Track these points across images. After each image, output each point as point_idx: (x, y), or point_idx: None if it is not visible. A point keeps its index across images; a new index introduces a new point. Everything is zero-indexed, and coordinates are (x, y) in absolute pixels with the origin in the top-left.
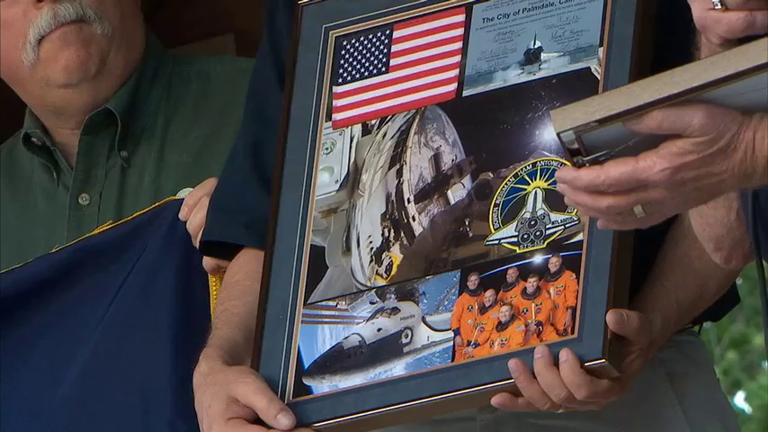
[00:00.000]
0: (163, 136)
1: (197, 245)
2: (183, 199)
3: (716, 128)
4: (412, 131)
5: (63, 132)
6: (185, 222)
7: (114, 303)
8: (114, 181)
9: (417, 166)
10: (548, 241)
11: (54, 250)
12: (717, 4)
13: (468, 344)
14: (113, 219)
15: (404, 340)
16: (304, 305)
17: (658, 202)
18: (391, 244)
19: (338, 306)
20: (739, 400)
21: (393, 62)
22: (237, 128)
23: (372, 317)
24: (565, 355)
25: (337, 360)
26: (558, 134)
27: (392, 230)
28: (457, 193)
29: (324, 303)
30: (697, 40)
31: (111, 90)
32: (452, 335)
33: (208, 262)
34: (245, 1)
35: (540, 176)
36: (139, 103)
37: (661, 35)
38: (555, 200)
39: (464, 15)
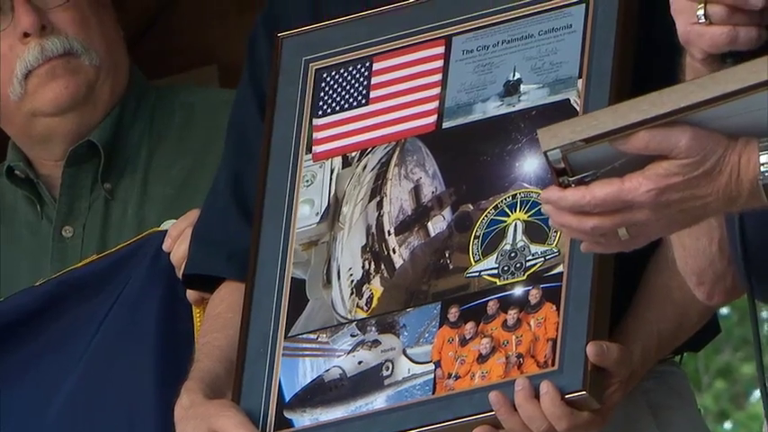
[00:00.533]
0: (146, 168)
1: (181, 276)
2: (166, 230)
3: (702, 150)
4: (392, 163)
5: (47, 164)
6: (169, 254)
7: (99, 334)
8: (98, 213)
9: (398, 198)
10: (528, 273)
11: (38, 283)
12: (701, 19)
13: (449, 376)
14: (97, 251)
15: (385, 373)
16: (285, 338)
17: (643, 224)
18: (372, 276)
19: (319, 339)
20: (727, 429)
21: (373, 94)
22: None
23: (353, 349)
24: (545, 387)
25: (318, 393)
26: (544, 153)
27: (372, 263)
28: (437, 225)
29: (305, 336)
30: (683, 62)
31: (95, 120)
32: (433, 367)
33: (191, 293)
34: (229, 32)
35: (521, 208)
36: (123, 135)
37: (645, 57)
38: (535, 231)
39: (443, 47)
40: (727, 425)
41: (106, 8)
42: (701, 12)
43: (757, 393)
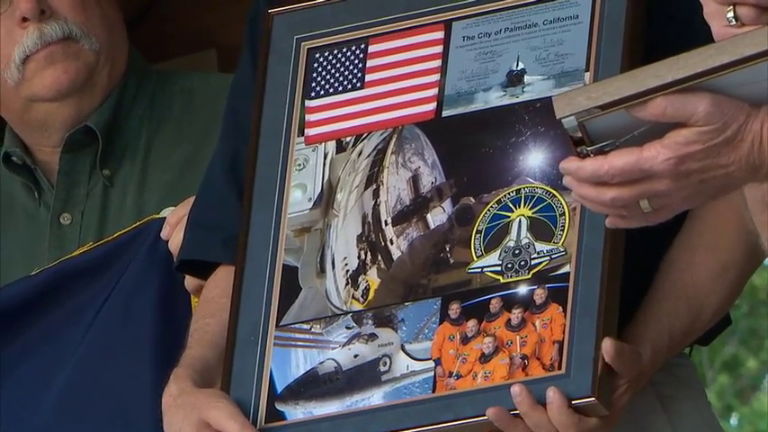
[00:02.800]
0: (145, 153)
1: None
2: (164, 218)
3: (722, 117)
4: (389, 151)
5: (44, 150)
6: (167, 241)
7: (95, 324)
8: (96, 200)
9: (395, 187)
10: (533, 272)
11: (34, 272)
12: (731, 21)
13: (450, 375)
14: (95, 238)
15: (382, 368)
16: (276, 327)
17: (665, 195)
18: (368, 267)
19: (312, 329)
20: (732, 425)
21: (369, 78)
22: None
23: (349, 342)
24: (552, 394)
25: (312, 386)
26: (560, 120)
27: (369, 253)
28: (437, 217)
29: (297, 326)
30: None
31: (94, 105)
32: (433, 365)
33: (190, 282)
34: (228, 16)
35: (525, 204)
36: (121, 121)
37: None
38: (540, 229)
39: (443, 32)
40: (733, 420)
41: None
42: (730, 14)
43: (763, 387)
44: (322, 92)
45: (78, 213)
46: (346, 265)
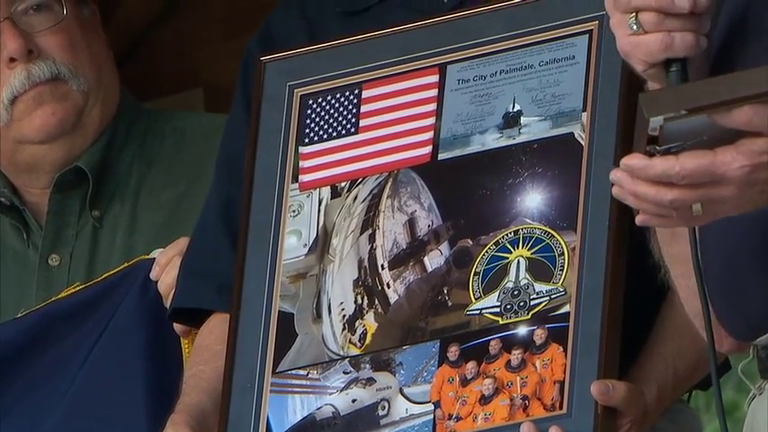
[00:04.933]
0: (136, 194)
1: (168, 308)
2: (154, 258)
3: None
4: (385, 195)
5: (33, 192)
6: (157, 282)
7: (86, 366)
8: (85, 241)
9: (391, 231)
10: (532, 312)
11: (21, 314)
12: (633, 28)
13: (450, 417)
14: (84, 280)
15: (381, 412)
16: (273, 373)
17: (721, 201)
18: (365, 311)
19: (309, 375)
20: None
21: (363, 123)
22: None
23: (346, 387)
24: None
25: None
26: (647, 119)
27: (365, 297)
28: (434, 260)
29: (294, 372)
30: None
31: (84, 146)
32: (432, 407)
33: (179, 326)
34: (216, 54)
35: (523, 245)
36: (112, 161)
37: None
38: (539, 269)
39: (438, 76)
40: None
41: (96, 31)
42: (632, 21)
43: None
44: (316, 138)
45: (67, 254)
46: (343, 310)
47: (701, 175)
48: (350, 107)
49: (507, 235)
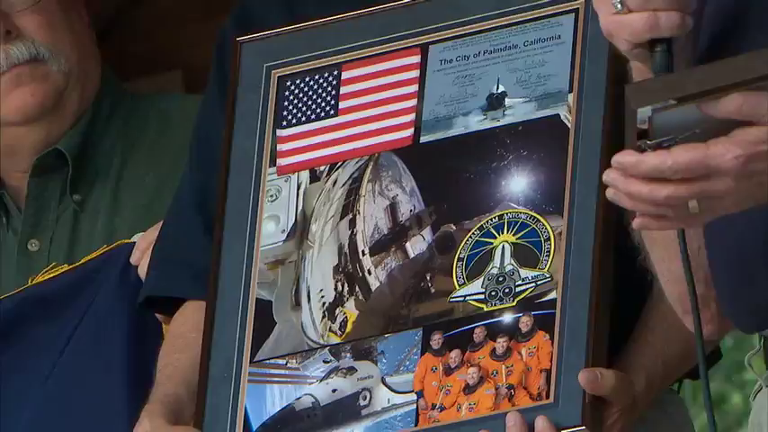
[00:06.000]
0: (118, 177)
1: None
2: (135, 242)
3: None
4: (365, 179)
5: (14, 175)
6: (138, 267)
7: (65, 352)
8: (66, 226)
9: (372, 216)
10: (518, 299)
11: None
12: (618, 7)
13: (433, 407)
14: (64, 264)
15: (362, 402)
16: (250, 363)
17: (718, 197)
18: (345, 299)
19: (288, 364)
20: None
21: (342, 105)
22: None
23: (326, 377)
24: (541, 422)
25: (289, 422)
26: (633, 110)
27: (346, 284)
28: (416, 245)
29: (272, 362)
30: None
31: (64, 128)
32: (415, 397)
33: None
34: (196, 35)
35: (508, 229)
36: (93, 144)
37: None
38: (525, 255)
39: (419, 56)
40: None
41: (77, 11)
42: (616, 0)
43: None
44: (294, 120)
45: (47, 239)
46: (323, 297)
47: (694, 168)
48: (329, 89)
49: (492, 220)
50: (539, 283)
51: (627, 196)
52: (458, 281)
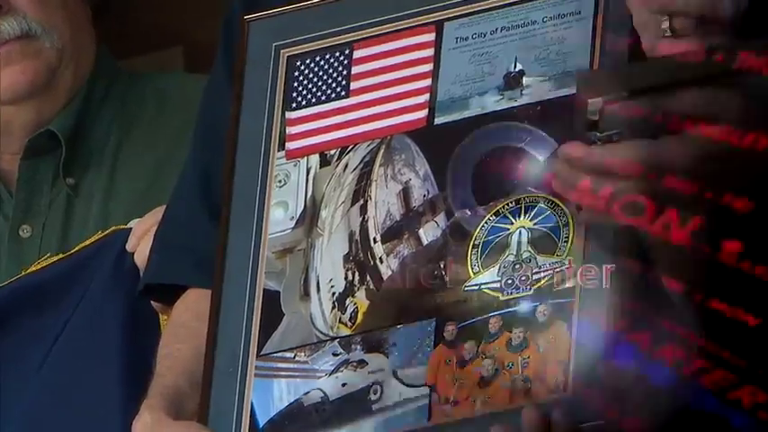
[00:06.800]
0: (114, 160)
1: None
2: (131, 228)
3: None
4: (377, 163)
5: (5, 158)
6: (134, 254)
7: (59, 341)
8: (59, 210)
9: (384, 202)
10: (535, 288)
11: None
12: (666, 32)
13: (447, 401)
14: (56, 251)
15: (372, 396)
16: (257, 356)
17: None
18: (356, 288)
19: (296, 358)
20: None
21: (354, 85)
22: None
23: (336, 370)
24: (558, 416)
25: (297, 418)
26: (584, 101)
27: (357, 273)
28: (430, 232)
29: (280, 355)
30: None
31: (57, 108)
32: (428, 391)
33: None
34: (197, 10)
35: (525, 215)
36: (87, 124)
37: None
38: (542, 241)
39: (434, 34)
40: None
41: None
42: (666, 25)
43: None
44: (304, 102)
45: (39, 225)
46: (332, 287)
47: (644, 164)
48: (340, 69)
49: (508, 204)
50: (557, 270)
51: (572, 190)
52: (472, 269)
